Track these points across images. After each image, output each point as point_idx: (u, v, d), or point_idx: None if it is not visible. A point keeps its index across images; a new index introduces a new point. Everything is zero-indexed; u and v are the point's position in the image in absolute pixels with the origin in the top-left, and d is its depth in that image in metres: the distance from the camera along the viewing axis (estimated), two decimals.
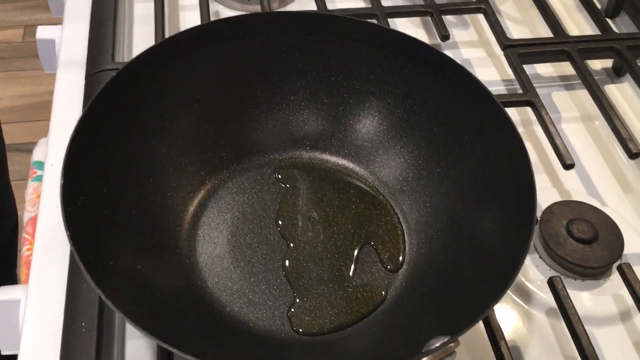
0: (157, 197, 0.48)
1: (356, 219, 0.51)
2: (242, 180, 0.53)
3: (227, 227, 0.50)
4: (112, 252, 0.42)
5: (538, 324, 0.48)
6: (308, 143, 0.55)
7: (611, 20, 0.72)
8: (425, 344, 0.36)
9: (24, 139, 1.58)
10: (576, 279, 0.50)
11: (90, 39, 0.62)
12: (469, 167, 0.49)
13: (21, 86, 1.71)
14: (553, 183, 0.57)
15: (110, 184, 0.45)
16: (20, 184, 1.44)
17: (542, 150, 0.60)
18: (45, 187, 0.53)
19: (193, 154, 0.52)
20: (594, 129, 0.63)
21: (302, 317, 0.46)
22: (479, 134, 0.49)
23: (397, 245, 0.50)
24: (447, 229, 0.48)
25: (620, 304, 0.49)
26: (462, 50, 0.69)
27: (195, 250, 0.48)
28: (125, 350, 0.45)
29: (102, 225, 0.43)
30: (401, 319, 0.45)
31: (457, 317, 0.39)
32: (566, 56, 0.64)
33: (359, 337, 0.44)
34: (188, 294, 0.46)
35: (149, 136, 0.49)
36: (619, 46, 0.65)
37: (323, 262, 0.49)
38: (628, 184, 0.58)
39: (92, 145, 0.44)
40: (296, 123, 0.55)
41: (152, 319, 0.39)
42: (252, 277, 0.47)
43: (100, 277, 0.37)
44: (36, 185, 0.72)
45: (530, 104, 0.59)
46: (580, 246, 0.49)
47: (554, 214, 0.51)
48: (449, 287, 0.44)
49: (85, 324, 0.43)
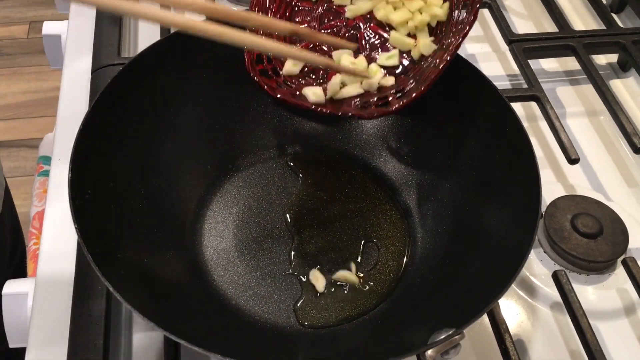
0: (164, 191, 0.49)
1: (361, 213, 0.52)
2: (247, 174, 0.53)
3: (232, 221, 0.50)
4: (119, 245, 0.42)
5: (542, 317, 0.48)
6: (313, 137, 0.55)
7: (616, 15, 0.72)
8: (431, 336, 0.37)
9: (29, 135, 1.59)
10: (581, 273, 0.50)
11: (96, 35, 0.62)
12: (474, 162, 0.49)
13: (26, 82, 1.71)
14: (558, 178, 0.57)
15: (117, 178, 0.45)
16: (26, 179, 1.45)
17: (546, 145, 0.60)
18: (51, 181, 0.54)
19: (199, 148, 0.52)
20: (599, 123, 0.63)
21: (308, 310, 0.46)
22: (484, 128, 0.49)
23: (402, 239, 0.50)
24: (451, 223, 0.49)
25: (625, 298, 0.49)
26: (467, 45, 0.69)
27: (201, 244, 0.49)
28: (132, 341, 0.45)
29: (109, 219, 0.43)
30: (406, 312, 0.45)
31: (462, 310, 0.39)
32: (571, 51, 0.64)
33: (365, 330, 0.45)
34: (194, 286, 0.46)
35: (155, 130, 0.49)
36: (624, 41, 0.65)
37: (328, 255, 0.49)
38: (633, 179, 0.58)
39: (99, 139, 0.45)
40: (301, 118, 0.55)
41: (159, 311, 0.39)
42: (257, 271, 0.48)
43: (107, 269, 0.37)
44: (43, 180, 0.73)
45: (536, 99, 0.59)
46: (584, 240, 0.49)
47: (559, 208, 0.51)
48: (454, 281, 0.44)
49: (93, 316, 0.43)
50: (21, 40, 1.81)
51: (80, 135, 0.43)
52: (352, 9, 0.50)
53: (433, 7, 0.47)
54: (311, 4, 0.51)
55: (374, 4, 0.49)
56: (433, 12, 0.47)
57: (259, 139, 0.54)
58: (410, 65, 0.48)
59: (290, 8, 0.50)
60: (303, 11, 0.51)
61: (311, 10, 0.50)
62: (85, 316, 0.43)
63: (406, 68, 0.48)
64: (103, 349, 0.42)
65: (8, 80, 1.73)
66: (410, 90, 0.45)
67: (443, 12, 0.47)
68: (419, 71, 0.47)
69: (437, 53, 0.46)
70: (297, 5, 0.50)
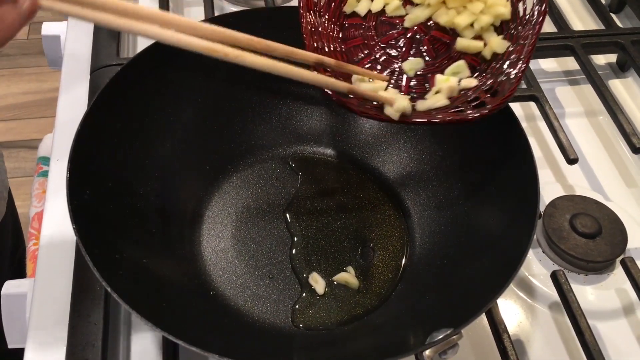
0: (162, 191, 0.49)
1: (360, 213, 0.52)
2: (246, 175, 0.53)
3: (231, 221, 0.50)
4: (117, 246, 0.42)
5: (541, 317, 0.48)
6: (312, 138, 0.55)
7: (615, 15, 0.72)
8: (429, 336, 0.37)
9: (28, 135, 1.59)
10: (579, 273, 0.50)
11: (95, 35, 0.62)
12: (472, 162, 0.49)
13: (26, 83, 1.71)
14: (556, 178, 0.57)
15: (116, 178, 0.45)
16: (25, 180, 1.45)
17: (545, 145, 0.60)
18: (51, 182, 0.54)
19: (197, 148, 0.52)
20: (597, 123, 0.63)
21: (306, 311, 0.46)
22: (482, 128, 0.49)
23: (400, 239, 0.50)
24: (450, 223, 0.49)
25: (624, 298, 0.49)
26: None
27: (200, 244, 0.49)
28: (131, 342, 0.45)
29: (108, 219, 0.43)
30: (404, 311, 0.45)
31: (461, 309, 0.39)
32: (570, 51, 0.64)
33: (363, 330, 0.45)
34: (193, 287, 0.46)
35: (154, 131, 0.49)
36: (623, 41, 0.65)
37: (327, 256, 0.49)
38: (632, 179, 0.58)
39: (97, 139, 0.45)
40: (300, 118, 0.55)
41: (158, 311, 0.39)
42: (256, 271, 0.48)
43: (106, 270, 0.37)
44: (42, 180, 0.73)
45: (534, 99, 0.59)
46: (583, 240, 0.49)
47: (558, 208, 0.51)
48: (452, 281, 0.44)
49: (91, 317, 0.43)
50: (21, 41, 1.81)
51: (78, 135, 0.43)
52: (411, 18, 0.49)
53: (497, 7, 0.46)
54: (360, 19, 0.50)
55: (432, 11, 0.48)
56: (497, 12, 0.46)
57: (257, 139, 0.54)
58: (484, 66, 0.47)
59: (340, 27, 0.49)
60: (353, 27, 0.50)
61: (362, 25, 0.50)
62: (83, 317, 0.43)
63: (482, 69, 0.47)
64: (101, 349, 0.42)
65: (8, 81, 1.73)
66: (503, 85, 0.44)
67: (507, 10, 0.47)
68: (499, 70, 0.46)
69: (515, 48, 0.45)
70: (345, 23, 0.50)
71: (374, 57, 0.49)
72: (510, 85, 0.43)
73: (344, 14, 0.50)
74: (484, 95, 0.44)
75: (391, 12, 0.50)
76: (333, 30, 0.49)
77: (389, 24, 0.50)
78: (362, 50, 0.49)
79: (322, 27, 0.49)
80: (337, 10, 0.50)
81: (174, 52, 0.50)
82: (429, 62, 0.48)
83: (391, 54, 0.49)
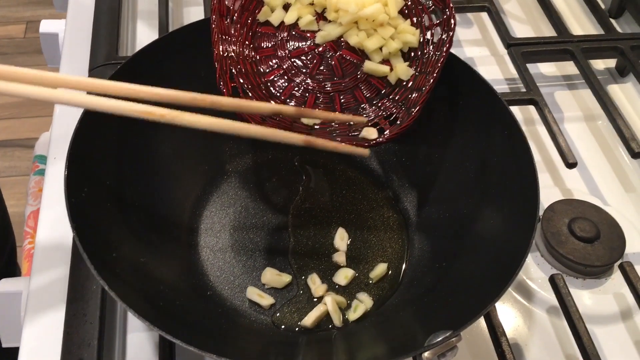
0: (160, 190, 0.49)
1: (359, 215, 0.51)
2: (244, 175, 0.53)
3: (229, 221, 0.50)
4: (115, 244, 0.42)
5: (539, 321, 0.48)
6: None
7: (615, 20, 0.72)
8: (428, 338, 0.37)
9: (25, 134, 1.58)
10: (578, 278, 0.50)
11: (94, 33, 0.62)
12: (471, 165, 0.49)
13: None
14: (555, 182, 0.57)
15: (114, 177, 0.45)
16: (21, 179, 1.44)
17: (544, 149, 0.60)
18: (47, 180, 0.53)
19: (196, 147, 0.52)
20: (596, 128, 0.63)
21: (304, 312, 0.45)
22: (482, 131, 0.49)
23: (400, 242, 0.50)
24: (449, 227, 0.48)
25: (622, 302, 0.49)
26: (466, 48, 0.69)
27: (198, 244, 0.48)
28: (127, 341, 0.45)
29: (106, 217, 0.43)
30: (404, 313, 0.45)
31: (460, 312, 0.39)
32: (569, 55, 0.64)
33: (362, 332, 0.44)
34: (190, 286, 0.46)
35: (152, 129, 0.49)
36: (622, 46, 0.65)
37: (326, 258, 0.49)
38: (630, 184, 0.58)
39: (95, 137, 0.44)
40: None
41: (154, 310, 0.39)
42: (254, 272, 0.47)
43: (103, 268, 0.37)
44: (38, 179, 0.72)
45: (534, 103, 0.59)
46: (582, 245, 0.49)
47: (556, 212, 0.51)
48: (451, 283, 0.44)
49: (87, 315, 0.43)
50: (18, 39, 1.81)
51: (76, 133, 0.43)
52: (323, 35, 0.50)
53: (406, 34, 0.49)
54: (273, 29, 0.51)
55: (344, 30, 0.50)
56: (406, 39, 0.49)
57: (256, 139, 0.54)
58: (388, 90, 0.49)
59: (252, 34, 0.50)
60: (265, 36, 0.51)
61: (274, 35, 0.51)
62: (79, 315, 0.43)
63: (386, 93, 0.49)
64: (97, 348, 0.41)
65: None
66: (403, 116, 0.47)
67: (415, 38, 0.49)
68: (401, 97, 0.48)
69: (418, 77, 0.48)
70: (257, 31, 0.50)
71: (283, 69, 0.50)
72: (409, 116, 0.45)
73: (257, 22, 0.51)
74: (383, 121, 0.47)
75: (304, 26, 0.51)
76: (245, 36, 0.49)
77: (301, 37, 0.51)
78: (272, 60, 0.50)
79: (234, 34, 0.49)
80: (250, 16, 0.50)
81: (173, 50, 0.50)
82: (336, 81, 0.50)
83: (300, 67, 0.50)
